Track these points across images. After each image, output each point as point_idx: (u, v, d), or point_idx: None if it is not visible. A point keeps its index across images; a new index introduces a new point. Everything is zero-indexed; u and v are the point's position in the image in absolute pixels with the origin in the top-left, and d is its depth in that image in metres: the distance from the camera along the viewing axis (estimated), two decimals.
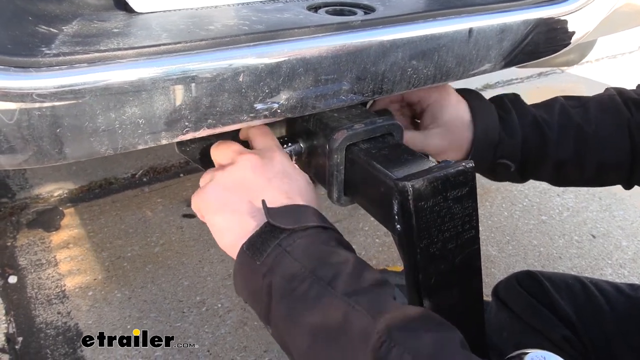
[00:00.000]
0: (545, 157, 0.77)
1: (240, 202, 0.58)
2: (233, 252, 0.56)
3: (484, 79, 2.83)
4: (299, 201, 0.58)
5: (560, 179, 0.82)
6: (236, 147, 0.63)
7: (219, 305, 1.47)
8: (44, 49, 0.44)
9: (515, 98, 0.80)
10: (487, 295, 0.96)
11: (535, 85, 2.95)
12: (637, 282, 0.96)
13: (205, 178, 0.63)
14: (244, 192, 0.58)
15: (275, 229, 0.53)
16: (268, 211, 0.54)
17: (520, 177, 0.81)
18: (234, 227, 0.57)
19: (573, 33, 0.77)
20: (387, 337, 0.44)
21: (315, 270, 0.50)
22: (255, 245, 0.53)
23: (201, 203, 0.60)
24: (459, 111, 0.76)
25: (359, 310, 0.47)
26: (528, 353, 0.57)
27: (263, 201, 0.55)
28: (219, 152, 0.64)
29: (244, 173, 0.59)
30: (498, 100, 0.79)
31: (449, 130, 0.75)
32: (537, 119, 0.77)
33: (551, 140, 0.76)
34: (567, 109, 0.78)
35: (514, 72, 3.01)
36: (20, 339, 1.35)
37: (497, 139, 0.75)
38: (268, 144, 0.64)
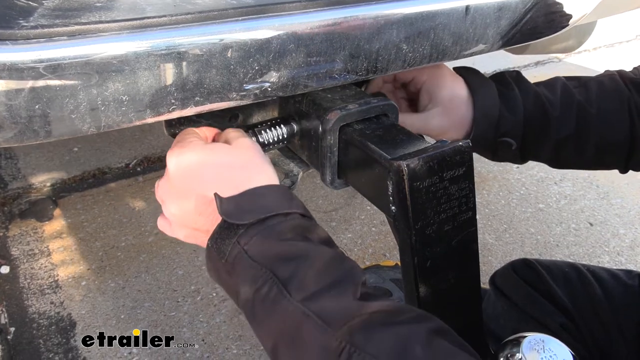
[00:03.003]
0: (547, 135, 0.76)
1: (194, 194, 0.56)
2: (198, 243, 0.57)
3: (480, 67, 2.80)
4: (258, 179, 0.55)
5: (559, 159, 0.80)
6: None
7: (214, 295, 1.45)
8: (21, 21, 0.42)
9: (517, 75, 0.78)
10: (484, 283, 0.95)
11: (532, 74, 2.93)
12: (634, 269, 0.95)
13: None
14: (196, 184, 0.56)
15: (231, 225, 0.51)
16: (221, 205, 0.52)
17: (521, 157, 0.80)
18: (187, 220, 0.57)
19: (572, 12, 0.75)
20: (347, 342, 0.43)
21: (274, 270, 0.48)
22: (217, 242, 0.52)
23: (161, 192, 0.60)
24: (455, 88, 0.74)
25: (314, 319, 0.45)
26: (526, 337, 0.56)
27: (216, 194, 0.53)
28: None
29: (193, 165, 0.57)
30: (499, 76, 0.78)
31: (447, 108, 0.74)
32: (540, 96, 0.76)
33: (554, 118, 0.75)
34: (569, 88, 0.77)
35: (511, 60, 3.00)
36: (12, 329, 1.34)
37: (497, 115, 0.74)
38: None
